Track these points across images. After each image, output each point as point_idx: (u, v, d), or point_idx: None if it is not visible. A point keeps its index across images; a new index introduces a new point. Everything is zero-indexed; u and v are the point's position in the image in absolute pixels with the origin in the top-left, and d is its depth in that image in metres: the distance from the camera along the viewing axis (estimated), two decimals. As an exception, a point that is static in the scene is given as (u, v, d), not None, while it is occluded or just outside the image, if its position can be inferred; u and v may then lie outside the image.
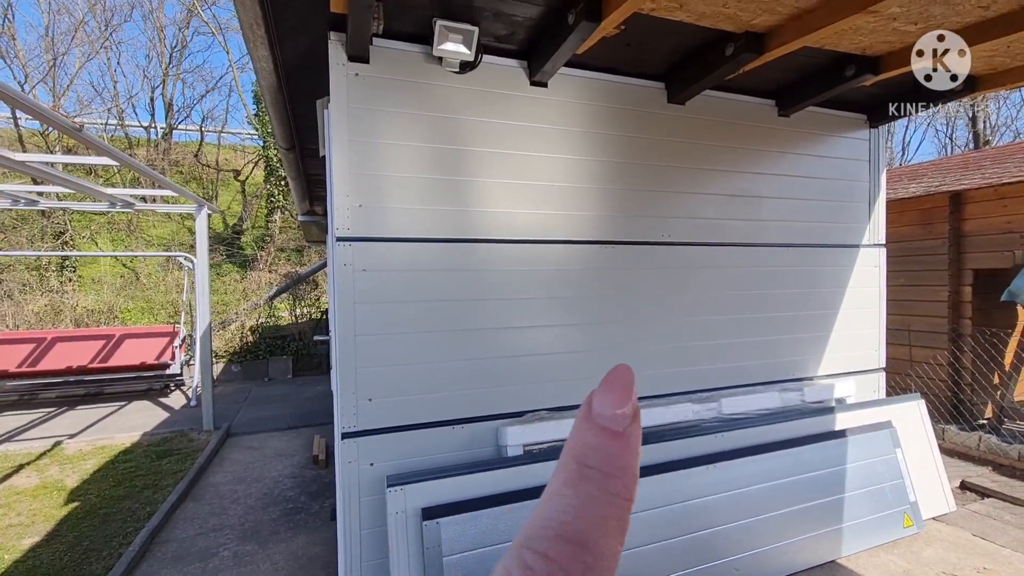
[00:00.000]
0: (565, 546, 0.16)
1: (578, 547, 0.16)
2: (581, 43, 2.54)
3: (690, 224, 3.45)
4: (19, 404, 8.08)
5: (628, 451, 0.18)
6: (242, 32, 2.53)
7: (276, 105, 3.46)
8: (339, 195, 2.63)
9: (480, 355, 2.92)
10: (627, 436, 0.18)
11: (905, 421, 3.83)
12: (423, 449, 2.79)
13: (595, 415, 0.18)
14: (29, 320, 10.41)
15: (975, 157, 7.30)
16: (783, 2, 2.38)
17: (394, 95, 2.73)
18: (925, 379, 5.67)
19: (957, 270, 5.54)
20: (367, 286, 2.68)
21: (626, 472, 0.18)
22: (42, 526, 4.11)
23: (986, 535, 3.58)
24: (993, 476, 4.62)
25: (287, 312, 11.78)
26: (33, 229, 12.17)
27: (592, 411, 0.18)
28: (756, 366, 3.66)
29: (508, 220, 2.97)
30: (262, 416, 7.39)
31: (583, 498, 0.17)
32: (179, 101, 16.85)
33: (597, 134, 3.18)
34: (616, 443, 0.18)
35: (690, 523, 2.95)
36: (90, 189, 5.37)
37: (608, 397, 0.18)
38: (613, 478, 0.17)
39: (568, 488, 0.17)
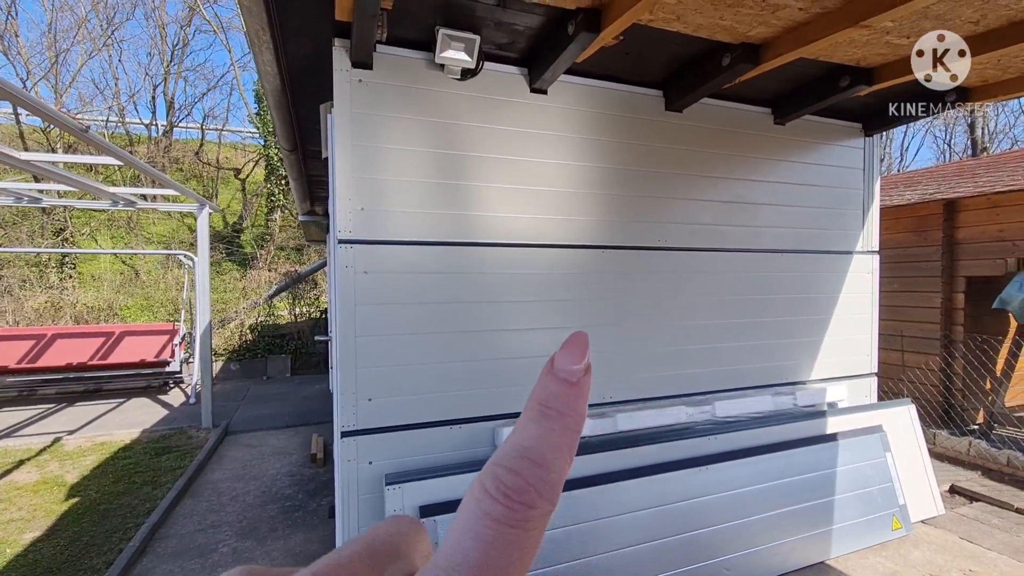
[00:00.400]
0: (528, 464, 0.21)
1: (537, 465, 0.21)
2: (581, 52, 2.60)
3: (686, 230, 3.50)
4: (19, 400, 8.11)
5: (580, 397, 0.23)
6: (248, 38, 2.59)
7: (279, 108, 3.51)
8: (341, 198, 2.68)
9: (478, 356, 2.97)
10: (580, 385, 0.23)
11: (896, 425, 3.89)
12: (421, 448, 2.84)
13: (556, 369, 0.23)
14: (29, 317, 10.44)
15: (970, 165, 7.38)
16: (778, 15, 2.44)
17: (396, 101, 2.78)
18: (917, 384, 5.74)
19: (950, 277, 5.60)
20: (368, 288, 2.73)
21: (577, 411, 0.23)
22: (43, 521, 4.16)
23: (973, 538, 3.64)
24: (982, 480, 4.69)
25: (286, 311, 11.81)
26: (34, 225, 12.19)
27: (554, 366, 0.23)
28: (750, 370, 3.72)
29: (507, 224, 3.02)
30: (261, 414, 7.43)
31: (543, 430, 0.22)
32: (180, 99, 16.88)
33: (596, 140, 3.23)
34: (571, 390, 0.23)
35: (683, 523, 3.00)
36: (93, 187, 5.41)
37: (567, 355, 0.23)
38: (567, 416, 0.22)
39: (532, 423, 0.22)
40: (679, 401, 3.44)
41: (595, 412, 3.20)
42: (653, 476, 3.01)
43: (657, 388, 3.41)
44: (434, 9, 2.48)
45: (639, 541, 2.87)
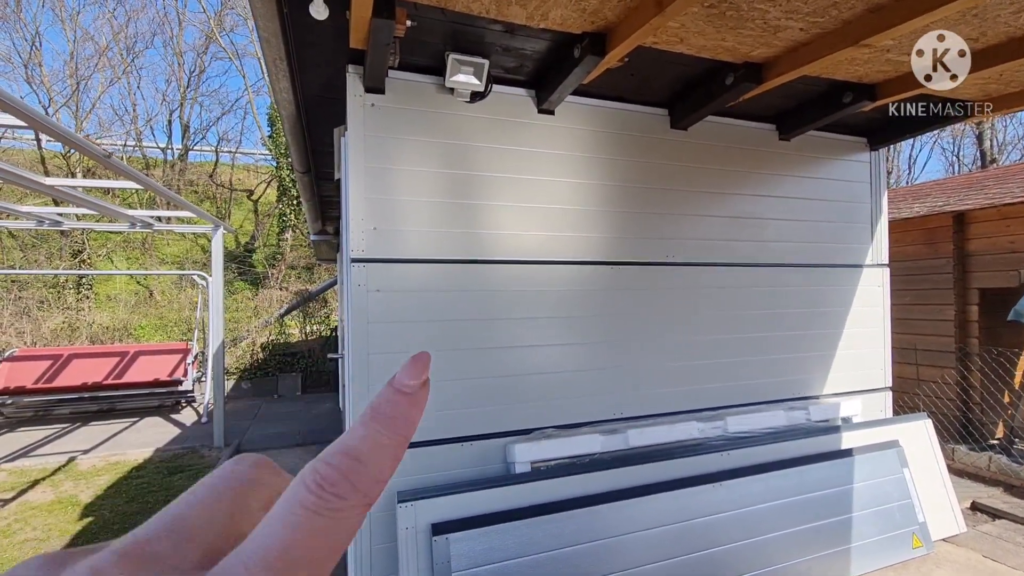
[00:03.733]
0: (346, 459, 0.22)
1: (355, 460, 0.22)
2: (587, 75, 2.67)
3: (695, 245, 3.53)
4: (35, 420, 8.21)
5: (414, 405, 0.24)
6: (265, 67, 2.69)
7: (294, 132, 3.61)
8: (354, 219, 2.75)
9: (490, 374, 2.99)
10: (415, 395, 0.24)
11: (912, 440, 3.83)
12: (433, 466, 2.85)
13: (395, 382, 0.24)
14: (46, 337, 10.62)
15: (979, 177, 7.36)
16: (779, 36, 2.50)
17: (408, 124, 2.86)
18: (933, 398, 5.65)
19: (963, 289, 5.56)
20: (380, 306, 2.78)
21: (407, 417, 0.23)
22: (57, 541, 4.19)
23: (997, 556, 3.55)
24: (1004, 497, 4.58)
25: (297, 329, 11.91)
26: (52, 248, 12.48)
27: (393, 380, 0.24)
28: (762, 385, 3.70)
29: (517, 242, 3.07)
30: (272, 433, 7.46)
31: (369, 430, 0.23)
32: (195, 123, 17.34)
33: (603, 159, 3.29)
34: (405, 399, 0.24)
35: (697, 541, 2.97)
36: (113, 211, 5.56)
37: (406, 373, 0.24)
38: (396, 420, 0.23)
39: (360, 426, 0.23)
40: (690, 417, 3.42)
41: (606, 428, 3.19)
42: (666, 493, 2.99)
43: (668, 404, 3.40)
44: (444, 36, 2.57)
45: (653, 560, 2.84)
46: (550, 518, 2.74)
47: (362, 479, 0.22)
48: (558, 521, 2.75)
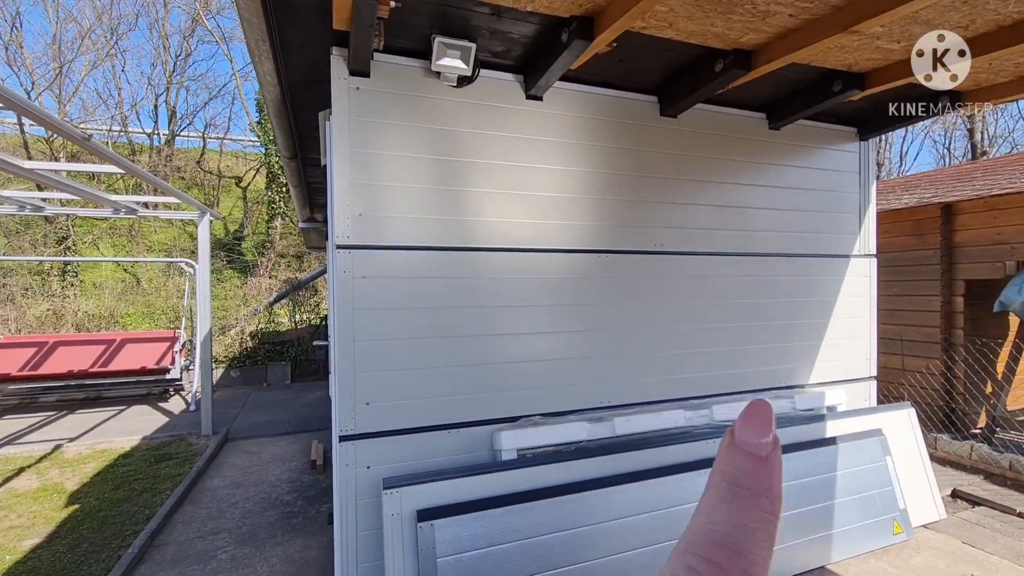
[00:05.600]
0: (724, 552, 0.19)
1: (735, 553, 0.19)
2: (575, 59, 2.63)
3: (682, 234, 3.52)
4: (20, 408, 8.12)
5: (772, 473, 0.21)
6: (248, 48, 2.62)
7: (279, 116, 3.54)
8: (339, 204, 2.71)
9: (476, 361, 2.98)
10: (770, 460, 0.21)
11: (896, 429, 3.88)
12: (419, 453, 2.85)
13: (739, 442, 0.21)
14: (31, 324, 10.48)
15: (967, 169, 7.40)
16: (768, 21, 2.47)
17: (393, 108, 2.81)
18: (918, 388, 5.73)
19: (949, 280, 5.61)
20: (366, 293, 2.75)
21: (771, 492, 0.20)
22: (42, 528, 4.16)
23: (975, 543, 3.62)
24: (984, 485, 4.66)
25: (286, 318, 11.84)
26: (37, 234, 12.27)
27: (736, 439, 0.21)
28: (747, 374, 3.72)
29: (503, 229, 3.04)
30: (260, 421, 7.43)
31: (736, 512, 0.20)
32: (182, 108, 17.05)
33: (591, 146, 3.26)
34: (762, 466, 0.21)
35: (681, 528, 2.98)
36: (96, 196, 5.45)
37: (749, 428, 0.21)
38: (761, 497, 0.20)
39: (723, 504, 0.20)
40: (676, 405, 3.44)
41: (592, 416, 3.20)
42: (651, 480, 3.01)
43: (654, 392, 3.41)
44: (430, 18, 2.52)
45: (636, 546, 2.86)
46: (536, 504, 2.75)
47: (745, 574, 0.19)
48: (544, 508, 2.76)
